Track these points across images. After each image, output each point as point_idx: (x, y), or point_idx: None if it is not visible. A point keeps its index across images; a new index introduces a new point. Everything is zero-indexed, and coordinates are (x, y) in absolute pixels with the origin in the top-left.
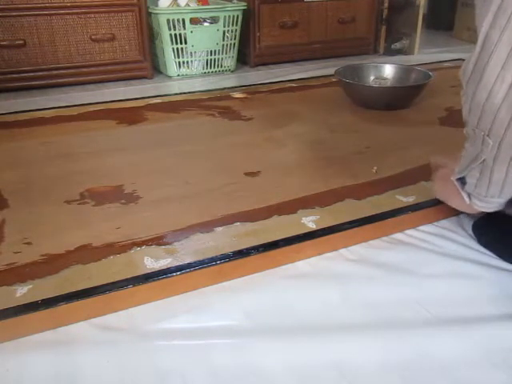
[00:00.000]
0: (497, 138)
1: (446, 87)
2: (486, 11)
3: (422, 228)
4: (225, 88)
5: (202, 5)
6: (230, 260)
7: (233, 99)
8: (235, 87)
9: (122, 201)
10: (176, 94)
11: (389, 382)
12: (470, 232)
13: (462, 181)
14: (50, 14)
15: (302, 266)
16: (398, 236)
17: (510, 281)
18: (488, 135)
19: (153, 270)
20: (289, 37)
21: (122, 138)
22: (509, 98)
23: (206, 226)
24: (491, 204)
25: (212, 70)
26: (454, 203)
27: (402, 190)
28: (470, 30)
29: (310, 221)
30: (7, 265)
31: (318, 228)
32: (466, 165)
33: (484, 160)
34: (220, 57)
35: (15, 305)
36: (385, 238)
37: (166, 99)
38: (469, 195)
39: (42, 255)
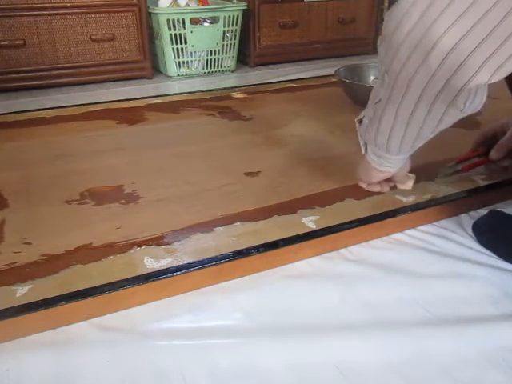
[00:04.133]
0: (393, 75)
1: None
2: None
3: (421, 228)
4: (225, 88)
5: (202, 5)
6: (230, 260)
7: (233, 99)
8: (235, 87)
9: (122, 201)
10: (176, 94)
11: (389, 382)
12: (470, 232)
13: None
14: (50, 14)
15: (302, 266)
16: (398, 236)
17: (510, 281)
18: (387, 71)
19: (153, 270)
20: (289, 37)
21: (121, 138)
22: (409, 37)
23: (206, 226)
24: (382, 160)
25: (212, 69)
26: (362, 172)
27: (401, 189)
28: None
29: (309, 221)
30: (7, 265)
31: (318, 228)
32: (368, 105)
33: (380, 100)
34: (220, 57)
35: (15, 305)
36: (385, 238)
37: (166, 99)
38: (365, 146)
39: (42, 255)
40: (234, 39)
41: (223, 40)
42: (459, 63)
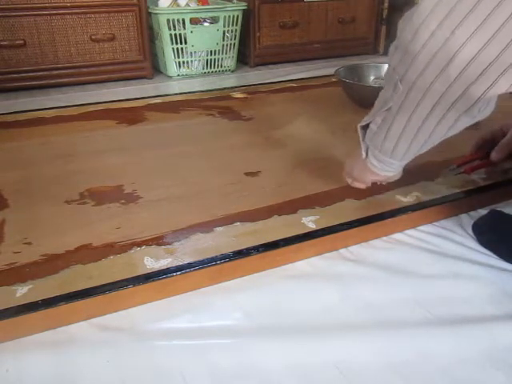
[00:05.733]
0: (407, 84)
1: None
2: None
3: (421, 228)
4: (225, 88)
5: (202, 5)
6: (229, 260)
7: (233, 99)
8: (235, 87)
9: (122, 201)
10: (176, 94)
11: (389, 382)
12: (470, 232)
13: (366, 131)
14: (50, 14)
15: (302, 266)
16: (398, 236)
17: (510, 281)
18: (401, 80)
19: (153, 270)
20: (289, 37)
21: (122, 138)
22: (427, 46)
23: (206, 226)
24: (384, 165)
25: (212, 69)
26: (354, 172)
27: (401, 189)
28: None
29: (309, 221)
30: (7, 265)
31: (318, 228)
32: (374, 111)
33: (390, 107)
34: (220, 57)
35: (15, 305)
36: (385, 238)
37: (166, 99)
38: (366, 150)
39: (42, 255)
40: (234, 39)
41: (223, 40)
42: (479, 73)
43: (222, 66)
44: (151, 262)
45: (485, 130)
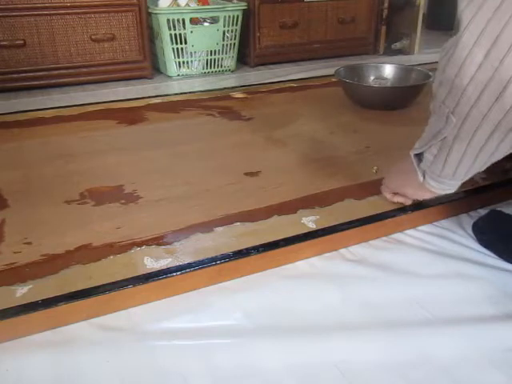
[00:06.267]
0: (461, 116)
1: None
2: None
3: (421, 228)
4: (225, 88)
5: (202, 5)
6: (229, 260)
7: (233, 99)
8: (235, 87)
9: (122, 201)
10: (176, 94)
11: (389, 382)
12: (470, 232)
13: (419, 157)
14: (50, 14)
15: (302, 265)
16: (398, 236)
17: (510, 281)
18: (452, 112)
19: (153, 270)
20: (289, 37)
21: (122, 138)
22: (476, 78)
23: (206, 226)
24: (444, 185)
25: (212, 69)
26: (408, 190)
27: None
28: None
29: (309, 221)
30: (7, 265)
31: (318, 228)
32: (426, 140)
33: (445, 138)
34: (220, 57)
35: (15, 305)
36: (385, 238)
37: (166, 99)
38: (423, 174)
39: (42, 255)
40: (234, 39)
41: (223, 40)
42: None
43: (221, 66)
44: (151, 261)
45: None
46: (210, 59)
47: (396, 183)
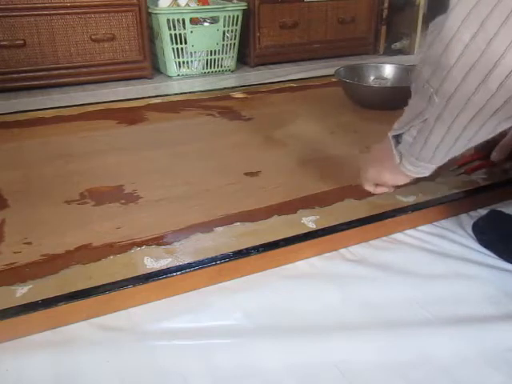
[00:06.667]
0: (444, 96)
1: None
2: None
3: (421, 228)
4: (225, 88)
5: (202, 5)
6: (229, 260)
7: (233, 99)
8: (235, 87)
9: (122, 201)
10: (176, 94)
11: (389, 382)
12: (470, 232)
13: (397, 139)
14: (50, 14)
15: (302, 265)
16: (398, 236)
17: (510, 281)
18: (436, 92)
19: (153, 270)
20: (289, 37)
21: (122, 138)
22: (463, 58)
23: (206, 226)
24: (420, 168)
25: (212, 69)
26: (386, 177)
27: (401, 190)
28: None
29: (309, 221)
30: (7, 265)
31: (318, 228)
32: (406, 121)
33: (426, 119)
34: (220, 57)
35: (15, 305)
36: (385, 238)
37: (165, 99)
38: (400, 156)
39: (42, 255)
40: (234, 39)
41: (223, 40)
42: None
43: (221, 66)
44: (151, 261)
45: None
46: (210, 59)
47: (373, 173)
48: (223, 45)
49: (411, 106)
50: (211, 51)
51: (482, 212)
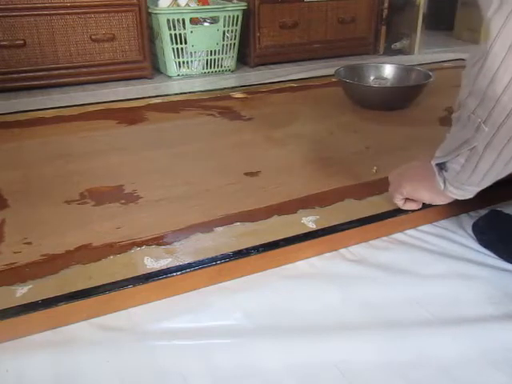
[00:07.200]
0: (494, 125)
1: (446, 87)
2: None
3: (421, 228)
4: (225, 88)
5: (202, 5)
6: (229, 260)
7: (233, 99)
8: (235, 87)
9: (122, 201)
10: (176, 94)
11: (389, 382)
12: (470, 232)
13: (441, 166)
14: (50, 14)
15: (302, 265)
16: (398, 236)
17: (510, 281)
18: (484, 122)
19: (153, 270)
20: (289, 37)
21: (122, 138)
22: (511, 87)
23: (206, 226)
24: (465, 192)
25: (212, 69)
26: (424, 196)
27: None
28: (470, 30)
29: (309, 221)
30: (7, 265)
31: (318, 228)
32: (451, 150)
33: (474, 147)
34: (220, 57)
35: (15, 305)
36: (385, 238)
37: (166, 99)
38: (444, 182)
39: (42, 255)
40: (234, 39)
41: (223, 40)
42: None
43: (222, 66)
44: (151, 261)
45: None
46: (210, 59)
47: (410, 189)
48: (223, 45)
49: (454, 135)
50: (211, 51)
51: (482, 212)
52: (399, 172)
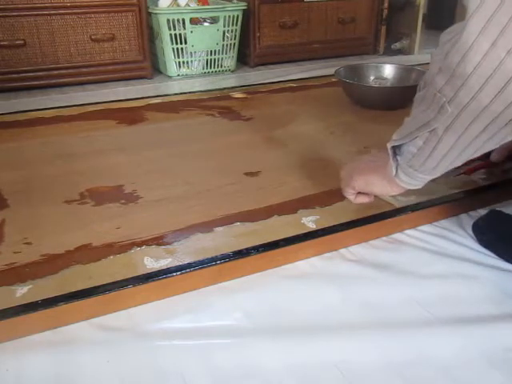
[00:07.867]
0: (459, 105)
1: None
2: None
3: (421, 228)
4: (225, 88)
5: (202, 5)
6: (229, 260)
7: (233, 99)
8: (235, 87)
9: (122, 201)
10: (176, 94)
11: (389, 382)
12: (470, 232)
13: (395, 151)
14: (50, 14)
15: (302, 265)
16: (398, 236)
17: (510, 281)
18: (449, 102)
19: (153, 270)
20: (289, 37)
21: (122, 138)
22: (481, 67)
23: (206, 226)
24: (416, 180)
25: (212, 69)
26: (375, 188)
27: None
28: None
29: (309, 221)
30: (7, 265)
31: (318, 228)
32: (409, 132)
33: (434, 129)
34: (220, 57)
35: (15, 305)
36: (385, 238)
37: (166, 99)
38: (396, 167)
39: (42, 255)
40: (234, 39)
41: (223, 40)
42: None
43: (222, 66)
44: (151, 261)
45: None
46: (210, 59)
47: (361, 182)
48: (223, 45)
49: (415, 116)
50: (211, 51)
51: (482, 212)
52: (351, 165)
